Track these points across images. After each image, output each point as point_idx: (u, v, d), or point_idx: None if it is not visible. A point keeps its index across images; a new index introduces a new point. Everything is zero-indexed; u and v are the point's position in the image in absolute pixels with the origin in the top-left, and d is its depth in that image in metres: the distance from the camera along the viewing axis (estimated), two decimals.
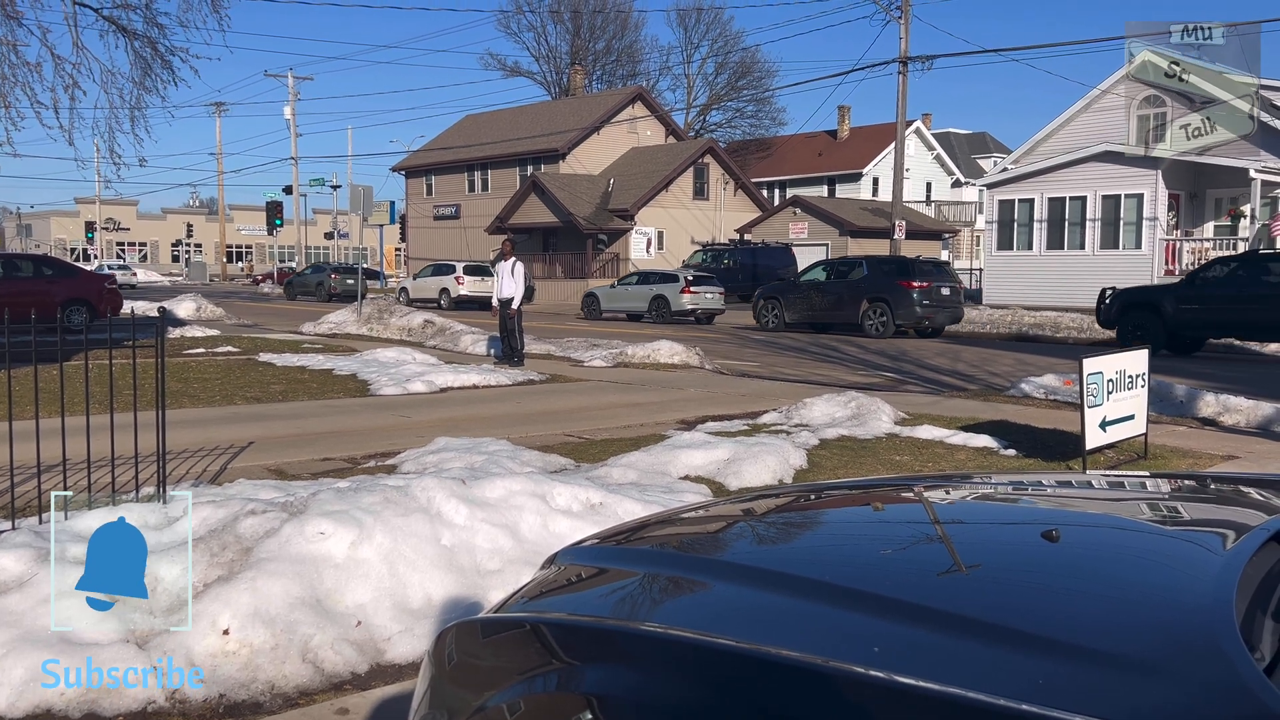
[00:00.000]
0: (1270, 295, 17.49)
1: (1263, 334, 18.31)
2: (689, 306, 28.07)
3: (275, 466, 7.21)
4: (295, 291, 43.15)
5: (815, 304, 24.16)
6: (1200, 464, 7.86)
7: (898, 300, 22.25)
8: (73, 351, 12.36)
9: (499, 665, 1.63)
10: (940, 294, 22.65)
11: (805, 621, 1.44)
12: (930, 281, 22.65)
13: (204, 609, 3.78)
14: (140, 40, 15.58)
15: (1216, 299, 18.11)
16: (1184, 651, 1.21)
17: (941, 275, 23.48)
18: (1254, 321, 17.87)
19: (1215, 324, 18.43)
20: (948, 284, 23.11)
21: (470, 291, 33.58)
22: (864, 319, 22.73)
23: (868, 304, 22.74)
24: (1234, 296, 17.89)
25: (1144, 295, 19.55)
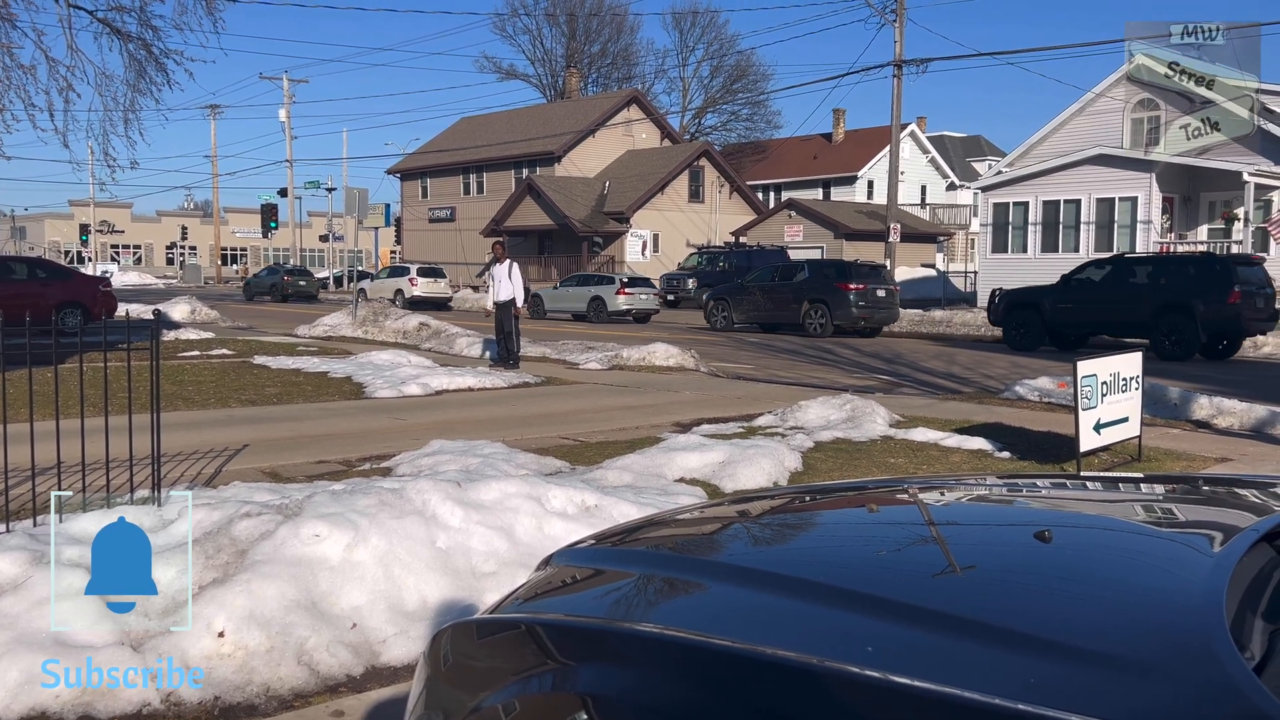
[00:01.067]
0: (1133, 296, 18.72)
1: (1127, 331, 19.16)
2: (624, 307, 29.72)
3: (270, 469, 7.20)
4: (252, 293, 44.53)
5: (761, 305, 25.28)
6: (1194, 466, 7.89)
7: (835, 301, 23.38)
8: (67, 354, 12.35)
9: (494, 666, 1.63)
10: (876, 296, 23.71)
11: (800, 622, 1.45)
12: (866, 284, 23.66)
13: (199, 611, 3.78)
14: (135, 43, 15.57)
15: (1087, 299, 19.42)
16: (1175, 651, 1.21)
17: (877, 278, 24.42)
18: (1119, 320, 19.04)
19: (1087, 322, 19.62)
20: (883, 287, 24.14)
21: (422, 293, 35.34)
22: (805, 319, 23.81)
23: (808, 305, 23.85)
24: (1102, 297, 19.20)
25: (1026, 295, 20.65)
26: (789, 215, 44.27)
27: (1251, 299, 18.00)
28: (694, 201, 46.16)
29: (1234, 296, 17.60)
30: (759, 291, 25.51)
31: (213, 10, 15.53)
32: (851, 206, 47.33)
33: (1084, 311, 19.52)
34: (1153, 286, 18.68)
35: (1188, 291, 18.03)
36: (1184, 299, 17.96)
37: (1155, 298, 18.36)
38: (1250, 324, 18.35)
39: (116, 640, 3.65)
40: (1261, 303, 18.31)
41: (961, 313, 27.45)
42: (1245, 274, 18.33)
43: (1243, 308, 17.79)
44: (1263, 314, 18.41)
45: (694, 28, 69.67)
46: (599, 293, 30.42)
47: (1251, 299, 18.00)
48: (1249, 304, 17.92)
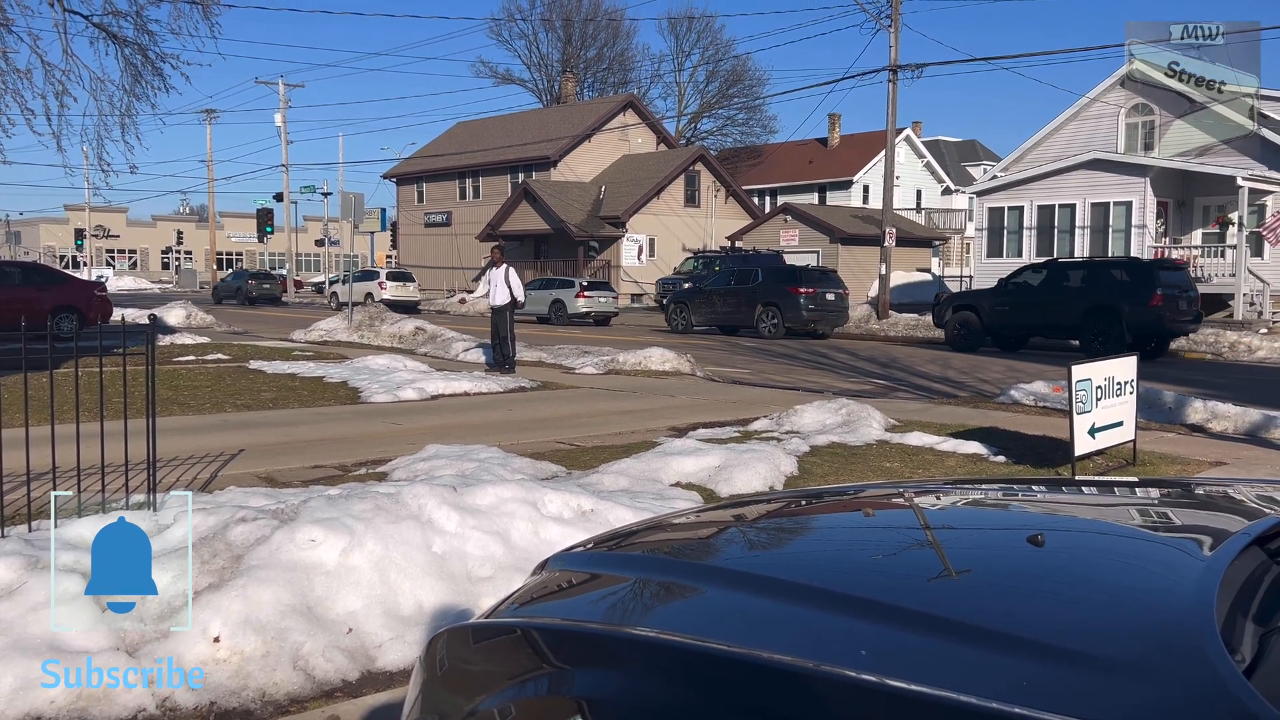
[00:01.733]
0: (1065, 299, 19.74)
1: (1059, 332, 20.21)
2: (584, 309, 30.99)
3: (266, 474, 7.20)
4: (220, 295, 46.71)
5: (718, 308, 26.33)
6: (1188, 470, 7.91)
7: (786, 305, 24.45)
8: (63, 359, 12.32)
9: (490, 670, 1.64)
10: (825, 299, 24.74)
11: (796, 625, 1.45)
12: (816, 288, 24.72)
13: (195, 616, 3.78)
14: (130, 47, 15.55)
15: (1023, 302, 20.47)
16: (1167, 653, 1.22)
17: (827, 282, 25.41)
18: (1052, 322, 20.11)
19: (1022, 324, 20.66)
20: (833, 290, 25.14)
21: (391, 296, 37.04)
22: (758, 321, 24.89)
23: (761, 308, 24.88)
24: (1036, 300, 20.28)
25: (967, 299, 22.04)
26: (785, 220, 44.29)
27: (1174, 301, 18.97)
28: (690, 206, 46.19)
29: (1156, 299, 18.60)
30: (716, 295, 26.48)
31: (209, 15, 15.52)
32: (847, 211, 47.37)
33: (1019, 314, 20.48)
34: (1082, 290, 19.62)
35: (1114, 295, 18.99)
36: (1110, 302, 18.94)
37: (1084, 301, 19.33)
38: (1173, 324, 19.25)
39: (112, 645, 3.64)
40: (1184, 305, 19.30)
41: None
42: (1168, 278, 19.34)
43: (1164, 310, 18.76)
44: (1186, 315, 19.39)
45: (690, 33, 69.84)
46: (559, 296, 31.60)
47: (1174, 301, 18.97)
48: (1171, 306, 18.89)
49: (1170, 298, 18.93)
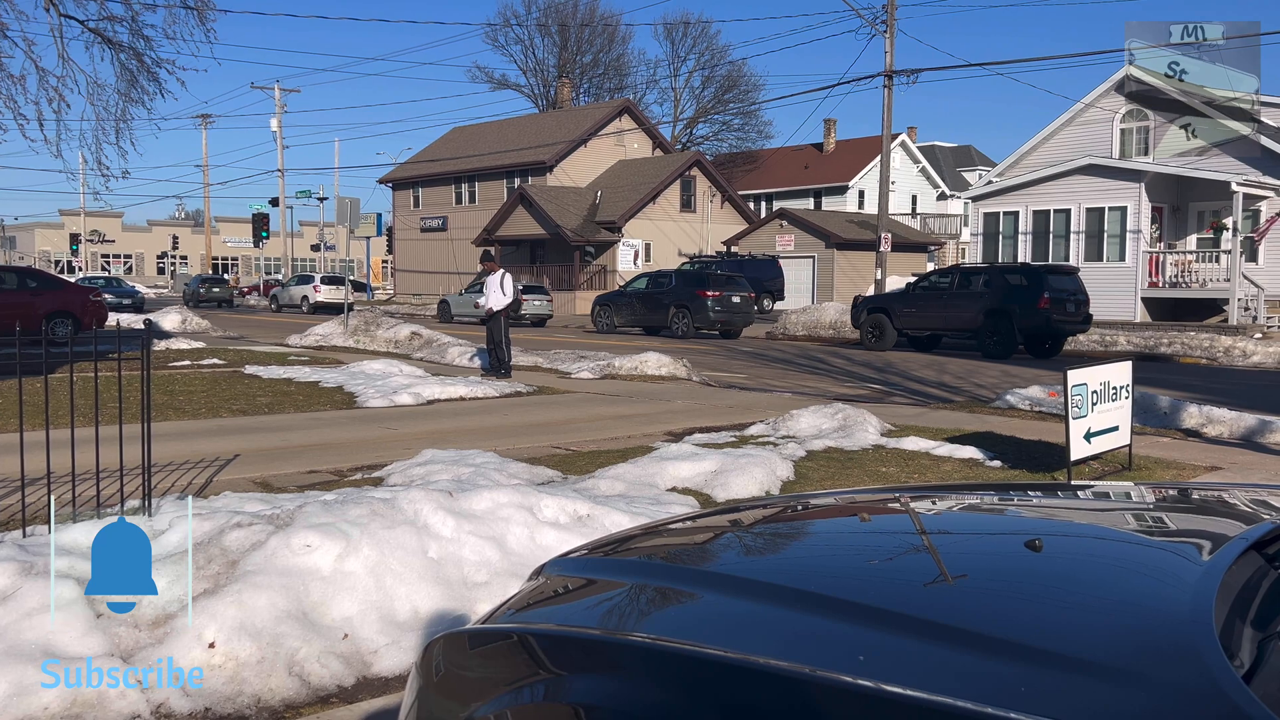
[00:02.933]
0: (965, 302, 21.26)
1: (961, 333, 21.69)
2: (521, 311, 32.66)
3: (261, 479, 7.18)
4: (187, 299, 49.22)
5: (637, 310, 28.40)
6: (1184, 475, 7.92)
7: (696, 307, 26.31)
8: (57, 364, 12.30)
9: (486, 676, 1.63)
10: (732, 302, 26.57)
11: (792, 631, 1.45)
12: (723, 291, 26.53)
13: (191, 621, 3.77)
14: (126, 52, 15.55)
15: (928, 305, 22.07)
16: (1164, 659, 1.22)
17: (734, 286, 27.24)
18: (953, 323, 21.59)
19: (928, 325, 22.17)
20: (739, 293, 26.92)
21: (325, 298, 39.83)
22: (671, 322, 26.86)
23: (674, 310, 26.80)
24: (940, 303, 21.85)
25: (879, 301, 23.61)
26: (780, 225, 44.38)
27: (1062, 304, 20.45)
28: (686, 211, 46.24)
29: (1043, 302, 20.10)
30: (636, 298, 28.58)
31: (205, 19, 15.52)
32: (843, 216, 47.46)
33: (925, 316, 22.14)
34: (981, 294, 21.08)
35: (1007, 298, 20.52)
36: (1004, 305, 20.51)
37: (982, 304, 20.88)
38: (1060, 325, 20.75)
39: (107, 650, 3.63)
40: (1073, 308, 20.79)
41: None
42: (1058, 283, 20.82)
43: (1052, 312, 20.21)
44: (1075, 318, 20.91)
45: (685, 38, 70.00)
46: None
47: (1062, 304, 20.45)
48: (1059, 309, 20.37)
49: (1058, 301, 20.32)
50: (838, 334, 26.02)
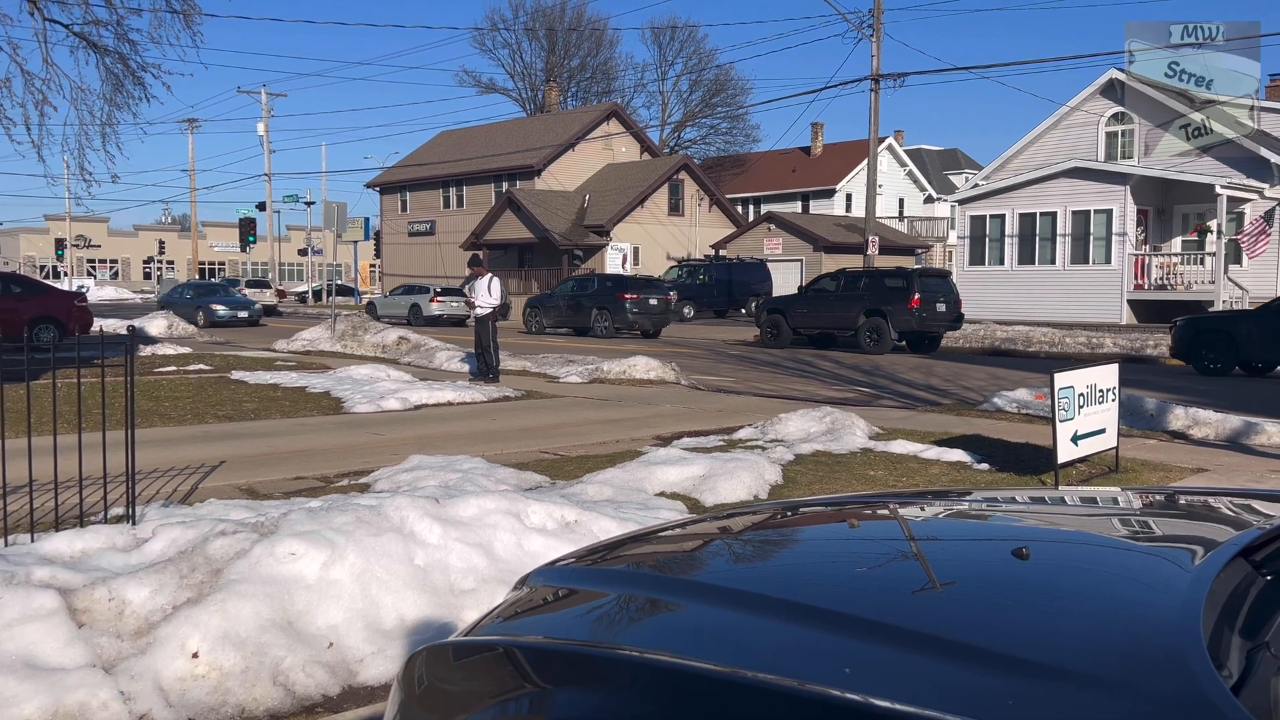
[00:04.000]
0: (847, 302, 23.07)
1: (844, 331, 23.46)
2: (437, 312, 35.75)
3: (247, 486, 7.13)
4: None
5: (564, 312, 30.06)
6: (1171, 477, 7.94)
7: (615, 309, 28.00)
8: (41, 370, 12.21)
9: (470, 689, 1.61)
10: (649, 304, 28.46)
11: (780, 643, 1.44)
12: (640, 294, 28.38)
13: (173, 632, 3.73)
14: (111, 56, 15.46)
15: (817, 306, 23.91)
16: (1152, 669, 1.21)
17: (651, 289, 29.23)
18: (838, 322, 23.42)
19: (816, 324, 24.02)
20: (656, 296, 28.82)
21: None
22: (594, 323, 28.63)
23: (596, 311, 28.51)
24: (826, 304, 23.71)
25: (776, 303, 25.50)
26: (768, 228, 44.43)
27: (932, 304, 22.27)
28: (674, 214, 46.26)
29: (914, 303, 21.95)
30: (562, 301, 30.22)
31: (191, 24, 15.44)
32: (830, 219, 47.54)
33: (814, 316, 23.96)
34: (861, 296, 22.85)
35: (882, 299, 22.36)
36: (879, 305, 22.33)
37: (861, 304, 22.70)
38: (931, 325, 22.56)
39: (89, 662, 3.59)
40: (944, 308, 22.60)
41: None
42: (930, 285, 22.76)
43: (922, 311, 22.08)
44: (946, 317, 22.76)
45: (673, 42, 70.00)
46: (417, 300, 36.65)
47: (932, 304, 22.27)
48: (930, 309, 22.22)
49: (929, 301, 22.21)
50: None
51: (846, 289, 23.39)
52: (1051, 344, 22.84)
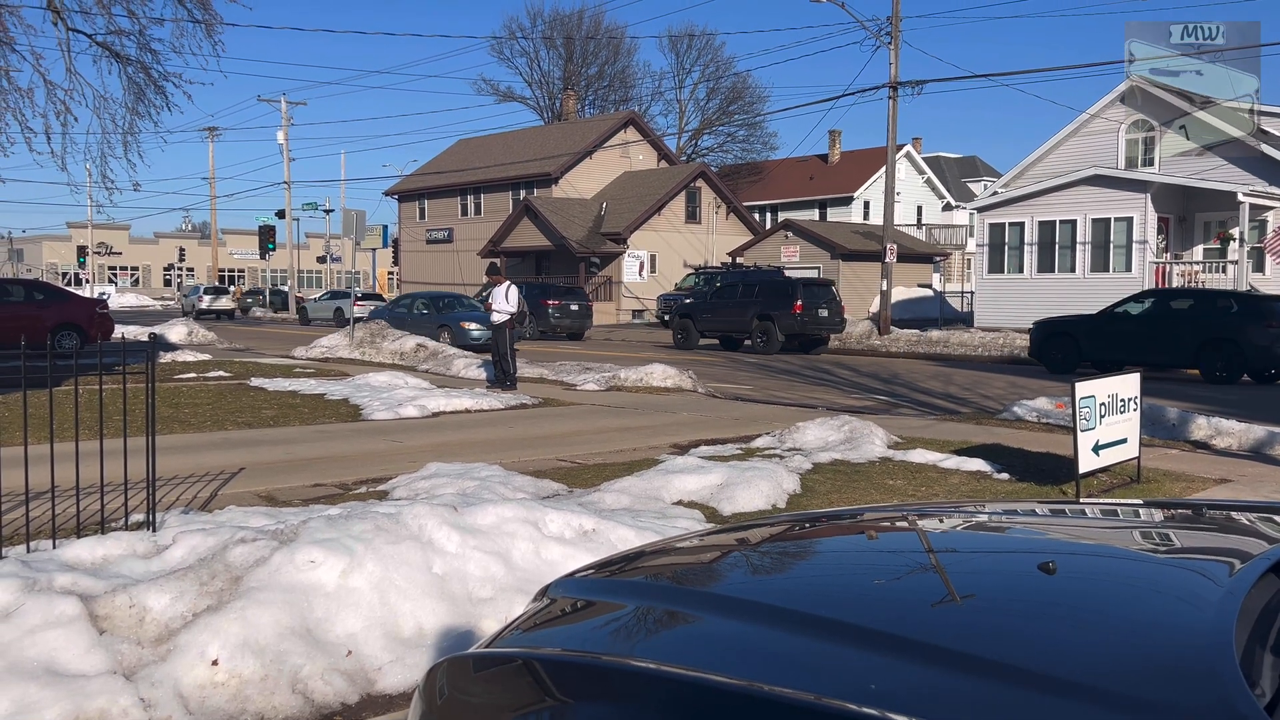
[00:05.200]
0: (741, 308, 25.53)
1: (741, 334, 25.91)
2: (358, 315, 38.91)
3: (266, 493, 7.16)
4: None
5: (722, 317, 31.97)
6: (1193, 487, 7.86)
7: (539, 314, 30.00)
8: (63, 377, 12.31)
9: (491, 701, 1.60)
10: (571, 309, 31.34)
11: (799, 657, 1.43)
12: (562, 300, 31.23)
13: (193, 639, 3.74)
14: (134, 66, 15.60)
15: (717, 310, 26.53)
16: (1184, 687, 1.19)
17: (571, 296, 32.15)
18: (734, 326, 25.94)
19: (718, 328, 26.44)
20: (577, 302, 31.73)
21: (207, 306, 48.50)
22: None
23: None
24: (724, 309, 26.23)
25: (686, 308, 28.02)
26: (785, 236, 44.35)
27: (815, 310, 24.91)
28: (691, 222, 46.26)
29: (796, 308, 24.53)
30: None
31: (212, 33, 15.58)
32: (848, 227, 47.41)
33: (718, 320, 26.44)
34: (754, 301, 25.34)
35: (771, 304, 24.88)
36: (768, 310, 24.85)
37: (753, 310, 25.18)
38: (813, 328, 25.11)
39: (110, 668, 3.61)
40: (825, 313, 25.17)
41: (958, 333, 27.48)
42: (812, 292, 25.33)
43: (804, 316, 24.63)
44: (828, 321, 25.41)
45: (690, 50, 70.04)
46: (341, 304, 39.41)
47: (815, 310, 24.91)
48: (812, 314, 24.82)
49: (811, 307, 24.77)
50: None
51: (744, 295, 25.96)
52: None
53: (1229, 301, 18.70)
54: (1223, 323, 17.80)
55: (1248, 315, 17.67)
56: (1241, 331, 17.44)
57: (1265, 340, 17.14)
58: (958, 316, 35.27)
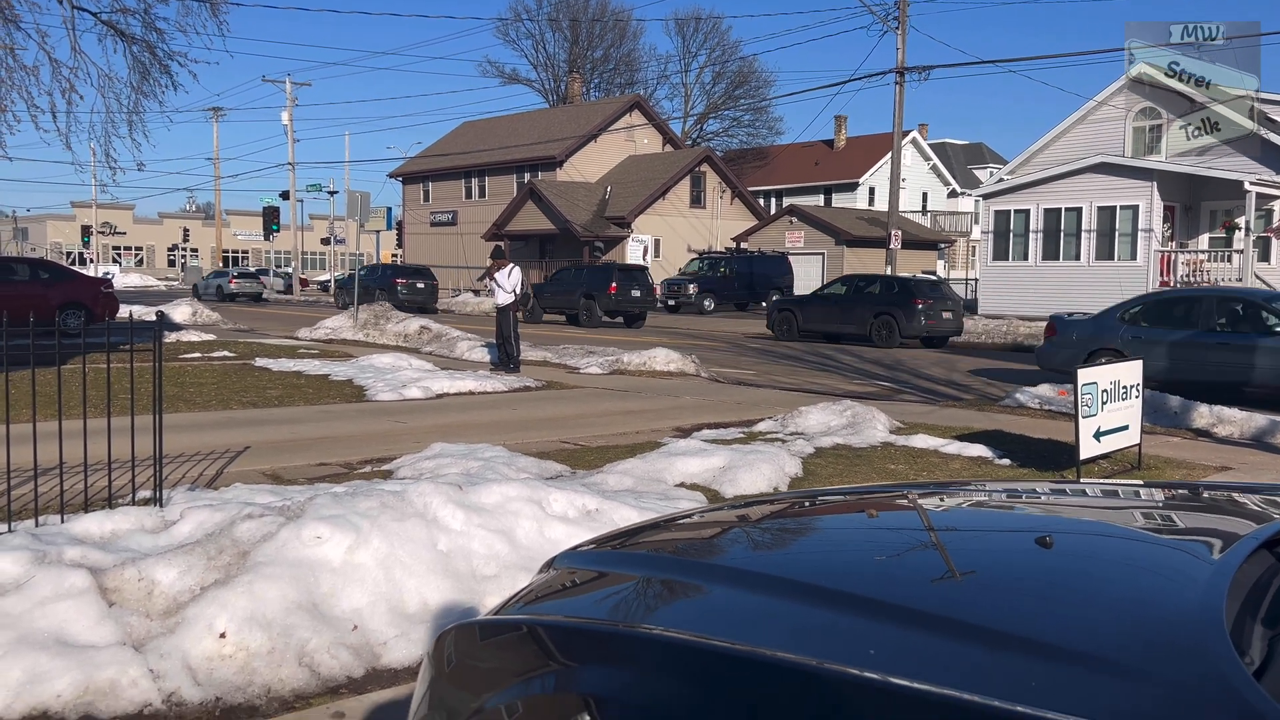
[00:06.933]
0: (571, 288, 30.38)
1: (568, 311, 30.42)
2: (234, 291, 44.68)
3: (271, 471, 7.21)
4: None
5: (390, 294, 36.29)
6: (1194, 474, 7.89)
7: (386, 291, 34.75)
8: (69, 355, 12.35)
9: (497, 667, 1.64)
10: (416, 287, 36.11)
11: (800, 625, 1.46)
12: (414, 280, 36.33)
13: (201, 612, 3.79)
14: (138, 45, 15.61)
15: (556, 290, 31.32)
16: (1175, 655, 1.22)
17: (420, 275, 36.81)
18: (565, 304, 30.57)
19: (556, 306, 31.04)
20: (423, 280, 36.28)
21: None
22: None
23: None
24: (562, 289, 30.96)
25: (537, 289, 32.07)
26: (790, 221, 44.31)
27: (629, 291, 29.31)
28: (695, 207, 46.20)
29: (612, 289, 29.07)
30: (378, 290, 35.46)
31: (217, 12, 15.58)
32: (853, 213, 47.35)
33: (554, 298, 31.06)
34: (581, 283, 30.07)
35: (594, 286, 29.53)
36: (591, 290, 29.42)
37: (580, 289, 29.83)
38: (627, 305, 29.42)
39: (119, 640, 3.66)
40: (638, 293, 29.68)
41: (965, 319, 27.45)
42: (627, 276, 30.00)
43: (619, 295, 29.13)
44: (640, 300, 29.73)
45: (696, 34, 69.78)
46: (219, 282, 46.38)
47: (629, 291, 29.31)
48: (626, 294, 29.25)
49: (625, 288, 29.31)
50: None
51: (575, 276, 30.94)
52: None
53: (893, 285, 24.17)
54: (887, 301, 23.21)
55: (904, 296, 23.16)
56: (898, 308, 22.86)
57: (912, 315, 22.69)
58: (964, 304, 35.25)
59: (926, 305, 23.07)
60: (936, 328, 22.99)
